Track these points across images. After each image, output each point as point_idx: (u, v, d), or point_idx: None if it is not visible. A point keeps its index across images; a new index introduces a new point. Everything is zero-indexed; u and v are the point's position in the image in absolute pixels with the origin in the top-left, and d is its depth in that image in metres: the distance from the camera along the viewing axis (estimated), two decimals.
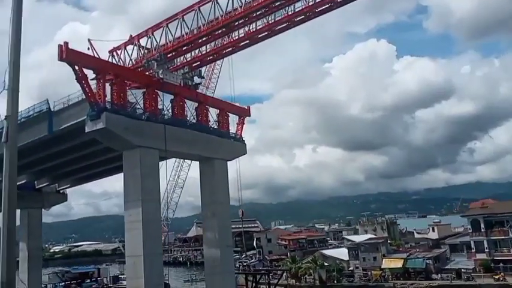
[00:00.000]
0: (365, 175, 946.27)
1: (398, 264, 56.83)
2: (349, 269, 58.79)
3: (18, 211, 56.36)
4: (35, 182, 55.37)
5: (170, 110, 36.31)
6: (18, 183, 32.14)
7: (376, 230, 78.60)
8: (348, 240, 66.46)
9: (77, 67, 30.01)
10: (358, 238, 65.26)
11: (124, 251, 40.11)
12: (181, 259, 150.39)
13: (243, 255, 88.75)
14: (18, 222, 55.00)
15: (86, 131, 31.53)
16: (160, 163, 36.15)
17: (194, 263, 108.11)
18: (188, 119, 37.73)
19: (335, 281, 56.55)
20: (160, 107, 35.57)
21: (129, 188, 32.91)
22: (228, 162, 41.16)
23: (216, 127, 40.42)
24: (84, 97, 32.70)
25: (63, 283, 69.28)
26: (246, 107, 45.45)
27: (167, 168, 44.98)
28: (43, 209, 57.36)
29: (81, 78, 30.20)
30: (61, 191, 58.53)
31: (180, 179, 60.24)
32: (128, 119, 32.33)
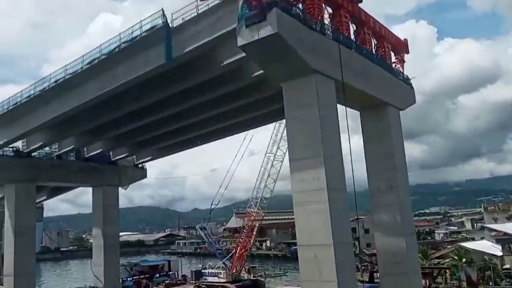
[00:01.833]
0: None
1: None
2: (505, 266, 45.70)
3: (88, 191, 45.52)
4: (111, 153, 44.47)
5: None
6: (91, 154, 26.68)
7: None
8: (492, 230, 53.06)
9: None
10: (503, 227, 51.95)
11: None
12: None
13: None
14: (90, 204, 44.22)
15: (240, 44, 19.50)
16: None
17: (256, 255, 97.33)
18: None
19: (490, 282, 43.51)
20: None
21: (299, 139, 20.85)
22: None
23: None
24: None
25: (132, 278, 58.51)
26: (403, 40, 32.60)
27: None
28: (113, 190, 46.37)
29: None
30: (139, 165, 47.47)
31: (280, 151, 47.42)
32: (302, 26, 20.16)
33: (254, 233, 53.16)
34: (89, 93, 28.91)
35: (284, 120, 52.70)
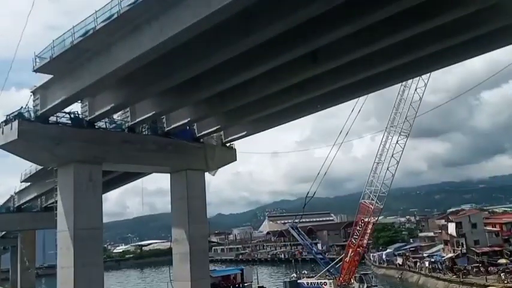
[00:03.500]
0: (428, 164, 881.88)
1: None
2: None
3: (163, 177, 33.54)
4: (195, 127, 32.43)
5: None
6: (172, 126, 22.78)
7: None
8: None
9: None
10: None
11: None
12: (282, 256, 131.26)
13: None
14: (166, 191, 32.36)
15: None
16: None
17: (300, 260, 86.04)
18: None
19: None
20: None
21: None
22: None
23: None
24: None
25: None
26: None
27: None
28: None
29: None
30: (228, 144, 35.27)
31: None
32: None
33: (369, 231, 41.03)
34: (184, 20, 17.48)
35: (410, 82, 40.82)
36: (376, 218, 41.70)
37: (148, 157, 30.09)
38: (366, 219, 40.72)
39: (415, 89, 38.11)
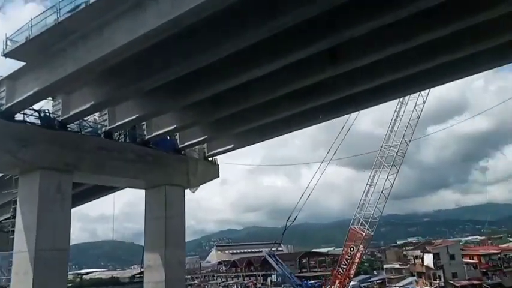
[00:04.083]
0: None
1: None
2: None
3: (139, 192, 29.75)
4: (177, 138, 29.13)
5: None
6: (154, 134, 21.73)
7: None
8: None
9: None
10: None
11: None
12: (234, 287, 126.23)
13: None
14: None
15: None
16: None
17: None
18: None
19: None
20: None
21: None
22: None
23: None
24: None
25: None
26: None
27: None
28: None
29: None
30: (211, 159, 32.04)
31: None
32: None
33: (357, 260, 38.49)
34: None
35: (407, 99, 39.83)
36: (366, 246, 39.32)
37: (125, 168, 26.23)
38: (356, 248, 38.12)
39: (414, 106, 37.08)
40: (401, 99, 37.43)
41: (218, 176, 32.64)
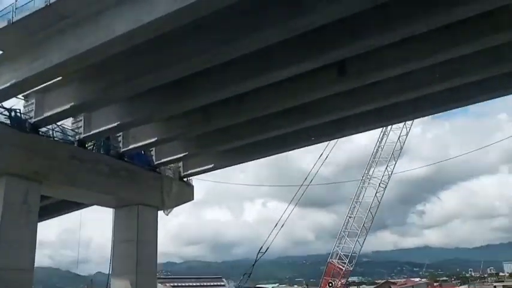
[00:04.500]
0: (315, 234, 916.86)
1: None
2: None
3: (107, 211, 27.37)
4: (153, 154, 27.22)
5: None
6: (130, 148, 20.05)
7: None
8: None
9: None
10: None
11: None
12: None
13: None
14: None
15: None
16: None
17: None
18: None
19: None
20: None
21: None
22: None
23: None
24: None
25: None
26: None
27: None
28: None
29: None
30: (186, 179, 30.15)
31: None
32: None
33: None
34: None
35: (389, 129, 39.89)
36: (345, 281, 38.00)
37: (98, 182, 23.79)
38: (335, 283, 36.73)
39: (398, 137, 37.32)
40: (384, 129, 37.77)
41: (193, 199, 30.62)
